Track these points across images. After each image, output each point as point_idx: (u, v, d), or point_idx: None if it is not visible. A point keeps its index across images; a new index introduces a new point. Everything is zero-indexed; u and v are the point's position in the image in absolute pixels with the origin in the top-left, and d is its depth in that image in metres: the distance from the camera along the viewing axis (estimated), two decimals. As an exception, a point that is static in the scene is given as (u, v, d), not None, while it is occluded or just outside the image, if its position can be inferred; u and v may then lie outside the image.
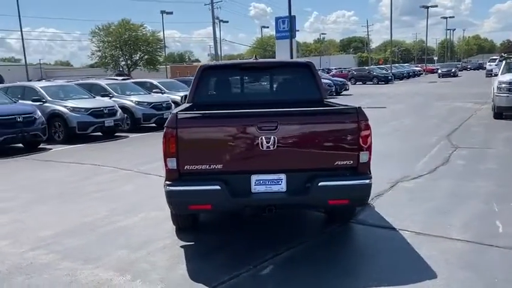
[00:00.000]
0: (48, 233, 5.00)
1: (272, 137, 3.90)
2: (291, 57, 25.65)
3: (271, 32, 48.08)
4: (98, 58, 59.00)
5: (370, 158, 4.06)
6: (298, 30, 67.65)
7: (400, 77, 48.82)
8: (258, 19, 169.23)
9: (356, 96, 27.37)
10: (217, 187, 3.90)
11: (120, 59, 59.67)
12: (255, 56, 5.86)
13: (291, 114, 4.07)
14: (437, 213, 5.29)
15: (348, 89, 30.25)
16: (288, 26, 54.74)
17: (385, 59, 78.23)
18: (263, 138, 3.89)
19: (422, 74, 60.00)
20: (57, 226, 5.23)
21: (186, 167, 3.96)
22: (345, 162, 4.02)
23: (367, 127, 4.00)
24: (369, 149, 4.03)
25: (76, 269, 4.04)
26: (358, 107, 4.03)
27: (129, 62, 58.17)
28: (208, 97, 5.59)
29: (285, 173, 4.03)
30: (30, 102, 12.22)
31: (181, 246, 4.53)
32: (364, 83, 42.67)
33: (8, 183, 7.84)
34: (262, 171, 4.02)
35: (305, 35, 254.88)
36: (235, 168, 4.03)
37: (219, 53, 44.00)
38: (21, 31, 36.64)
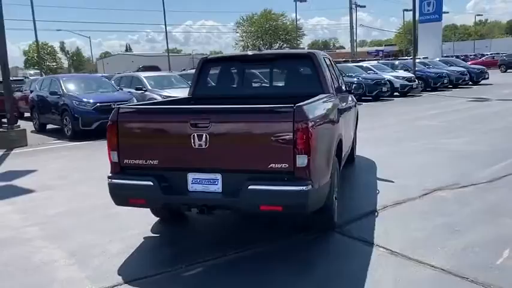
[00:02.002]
0: (55, 212, 5.55)
1: (204, 135, 3.72)
2: (414, 42, 23.56)
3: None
4: (241, 48, 62.24)
5: (309, 162, 3.59)
6: (448, 12, 61.61)
7: None
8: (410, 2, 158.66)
9: (494, 86, 24.00)
10: (149, 183, 3.88)
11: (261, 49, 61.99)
12: (259, 48, 5.62)
13: (222, 112, 3.82)
14: (444, 231, 4.45)
15: (487, 78, 26.55)
16: (433, 8, 50.28)
17: None
18: (195, 135, 3.74)
19: None
20: (68, 206, 5.78)
21: (125, 160, 4.03)
22: (279, 166, 3.63)
23: (306, 129, 3.54)
24: (308, 152, 3.57)
25: (41, 247, 4.44)
26: (297, 106, 3.59)
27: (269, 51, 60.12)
28: (209, 90, 5.54)
29: (220, 173, 3.83)
30: (133, 91, 13.58)
31: (144, 237, 4.63)
32: (518, 71, 37.06)
33: (73, 163, 8.88)
34: (198, 170, 3.88)
35: (467, 17, 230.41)
36: (171, 165, 3.96)
37: (355, 38, 42.68)
38: (165, 25, 40.99)
